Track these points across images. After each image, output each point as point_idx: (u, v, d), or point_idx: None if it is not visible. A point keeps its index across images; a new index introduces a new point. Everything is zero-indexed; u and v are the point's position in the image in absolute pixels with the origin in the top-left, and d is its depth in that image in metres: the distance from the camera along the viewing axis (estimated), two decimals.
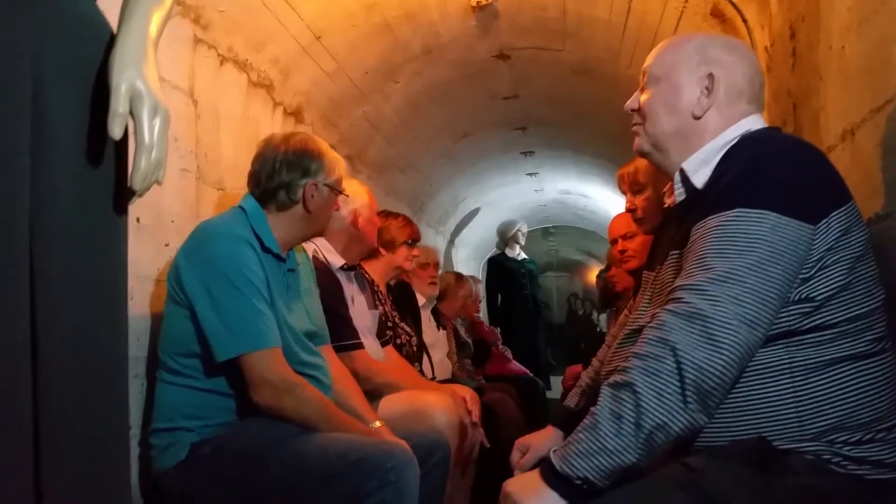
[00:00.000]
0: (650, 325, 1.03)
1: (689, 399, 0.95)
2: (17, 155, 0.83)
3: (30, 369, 0.83)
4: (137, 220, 1.76)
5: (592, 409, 1.01)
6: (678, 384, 0.96)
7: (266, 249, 1.63)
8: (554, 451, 1.03)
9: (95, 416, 0.90)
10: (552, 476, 1.00)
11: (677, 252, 1.15)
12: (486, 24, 3.03)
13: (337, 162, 1.78)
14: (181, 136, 2.01)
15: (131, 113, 0.92)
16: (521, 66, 3.53)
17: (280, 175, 1.69)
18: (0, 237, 0.80)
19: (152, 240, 1.85)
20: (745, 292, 0.97)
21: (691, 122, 1.19)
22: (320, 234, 1.86)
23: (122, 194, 0.98)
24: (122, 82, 0.90)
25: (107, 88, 0.91)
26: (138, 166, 0.92)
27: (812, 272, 1.01)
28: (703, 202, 1.11)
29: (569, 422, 1.46)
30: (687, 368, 0.95)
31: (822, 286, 1.01)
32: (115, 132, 0.89)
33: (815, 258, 1.01)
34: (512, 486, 1.06)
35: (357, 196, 2.28)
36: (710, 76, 1.18)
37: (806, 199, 1.02)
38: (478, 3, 2.79)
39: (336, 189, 1.76)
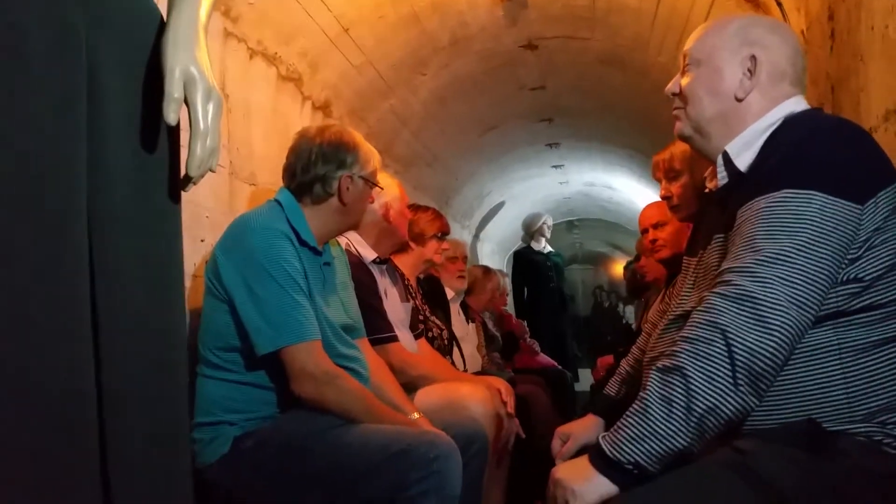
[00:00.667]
0: (698, 308, 1.02)
1: (739, 382, 0.94)
2: (75, 144, 0.83)
3: (92, 360, 0.83)
4: None
5: (641, 393, 1.00)
6: (729, 367, 0.94)
7: (303, 242, 1.63)
8: (603, 436, 1.02)
9: (158, 405, 0.91)
10: (602, 462, 1.00)
11: (722, 236, 1.14)
12: (514, 13, 3.01)
13: (372, 154, 1.78)
14: None
15: (185, 98, 0.91)
16: (548, 56, 3.50)
17: (315, 167, 1.69)
18: (59, 225, 0.81)
19: (188, 235, 1.84)
20: (794, 273, 0.96)
21: (734, 105, 1.18)
22: (355, 227, 1.87)
23: (177, 181, 0.98)
24: (176, 67, 0.90)
25: (159, 74, 0.91)
26: (194, 152, 0.92)
27: (860, 252, 1.00)
28: (748, 185, 1.10)
29: (610, 409, 1.45)
30: (738, 351, 0.94)
31: (870, 266, 1.00)
32: (171, 117, 0.89)
33: (862, 238, 1.00)
34: (561, 472, 1.05)
35: (388, 189, 2.28)
36: (753, 58, 1.17)
37: (852, 179, 1.01)
38: None
39: (371, 181, 1.76)
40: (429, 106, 3.80)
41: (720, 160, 1.18)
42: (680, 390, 0.96)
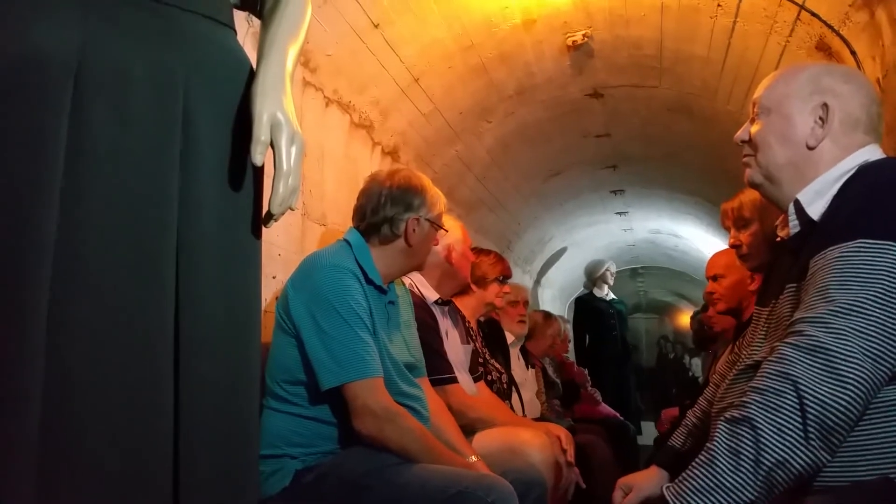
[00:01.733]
0: (769, 358, 1.00)
1: (811, 435, 0.92)
2: (169, 180, 0.91)
3: (173, 383, 0.88)
4: None
5: (708, 444, 0.99)
6: (800, 419, 0.92)
7: (369, 281, 1.68)
8: (667, 487, 1.00)
9: (233, 433, 0.94)
10: None
11: (794, 285, 1.12)
12: (581, 63, 3.05)
13: (438, 198, 1.83)
14: None
15: (271, 141, 0.98)
16: (614, 104, 3.52)
17: (385, 209, 1.74)
18: (151, 251, 0.88)
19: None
20: (869, 325, 0.93)
21: (805, 153, 1.17)
22: (419, 268, 1.90)
23: (259, 218, 1.04)
24: (264, 112, 0.97)
25: (248, 118, 0.98)
26: (277, 191, 0.98)
27: None
28: (820, 234, 1.08)
29: (674, 461, 1.41)
30: (809, 403, 0.92)
31: None
32: (258, 159, 0.96)
33: None
34: None
35: (451, 231, 2.32)
36: (825, 106, 1.16)
37: None
38: (573, 42, 2.83)
39: (436, 224, 1.81)
40: (493, 152, 3.87)
41: (791, 209, 1.17)
42: (749, 442, 0.94)
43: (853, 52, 2.07)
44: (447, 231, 1.92)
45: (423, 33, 2.57)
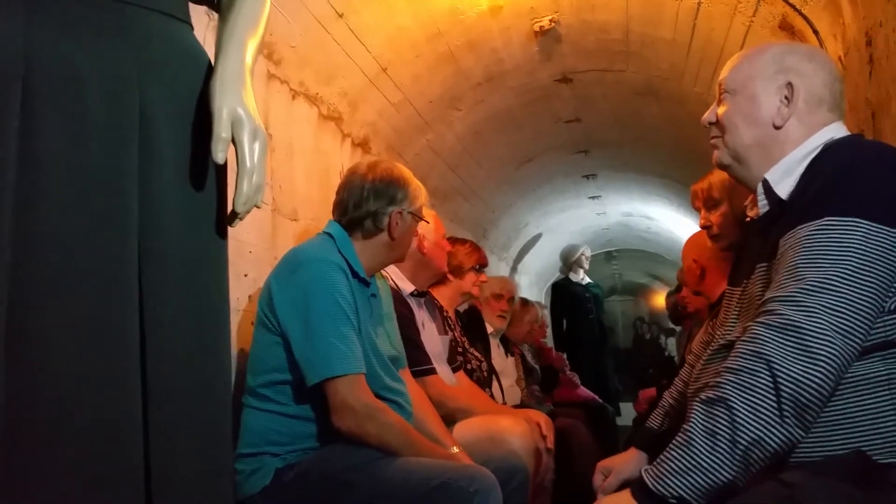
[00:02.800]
0: (742, 338, 1.01)
1: (785, 413, 0.93)
2: (127, 179, 0.88)
3: (140, 391, 0.86)
4: None
5: (685, 425, 0.99)
6: (774, 398, 0.93)
7: (354, 274, 1.67)
8: (646, 469, 1.01)
9: (203, 437, 0.93)
10: (645, 495, 0.98)
11: (765, 265, 1.13)
12: (549, 48, 3.05)
13: (420, 190, 1.82)
14: None
15: (232, 138, 0.95)
16: (583, 89, 3.53)
17: (367, 204, 1.73)
18: (111, 258, 0.85)
19: (231, 270, 1.88)
20: (839, 302, 0.95)
21: (772, 133, 1.18)
22: (401, 260, 1.89)
23: (224, 217, 1.01)
24: (224, 108, 0.94)
25: (207, 115, 0.95)
26: (241, 189, 0.95)
27: None
28: (790, 213, 1.09)
29: (652, 443, 1.43)
30: (783, 381, 0.93)
31: None
32: (220, 156, 0.93)
33: None
34: None
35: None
36: (789, 85, 1.17)
37: (895, 205, 0.99)
38: (540, 27, 2.82)
39: (418, 216, 1.80)
40: (465, 140, 3.85)
41: (760, 188, 1.18)
42: (724, 422, 0.94)
43: (815, 31, 2.09)
44: (429, 222, 1.91)
45: (389, 22, 2.54)
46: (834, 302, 0.95)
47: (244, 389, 1.66)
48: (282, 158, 2.26)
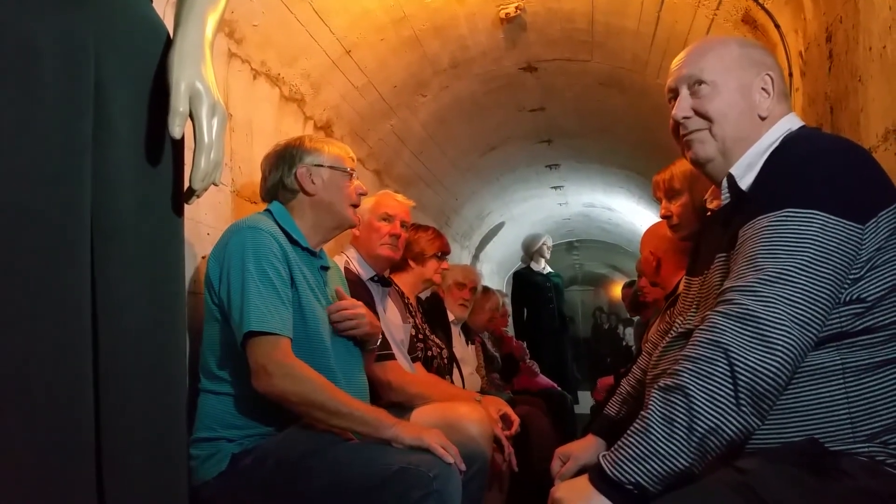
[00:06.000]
0: (700, 327, 1.02)
1: (742, 402, 0.94)
2: (81, 156, 0.84)
3: (91, 371, 0.83)
4: None
5: (642, 412, 1.00)
6: (731, 387, 0.95)
7: (295, 242, 1.68)
8: (603, 455, 1.01)
9: (156, 418, 0.91)
10: (602, 481, 0.99)
11: (724, 255, 1.14)
12: (514, 36, 3.04)
13: (324, 143, 1.81)
14: None
15: (190, 113, 0.92)
16: (548, 78, 3.53)
17: (273, 175, 1.78)
18: (63, 235, 0.82)
19: (188, 252, 1.87)
20: (796, 293, 0.96)
21: (757, 124, 1.19)
22: (344, 220, 1.82)
23: (180, 194, 0.99)
24: (182, 82, 0.92)
25: (165, 88, 0.92)
26: (198, 165, 0.93)
27: (862, 272, 1.00)
28: (750, 204, 1.10)
29: (610, 430, 1.44)
30: (740, 371, 0.94)
31: (872, 286, 1.00)
32: (176, 131, 0.91)
33: (864, 258, 1.00)
34: (561, 492, 1.05)
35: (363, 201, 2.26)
36: (769, 77, 1.18)
37: (854, 199, 1.01)
38: (506, 14, 2.81)
39: (335, 167, 1.78)
40: (429, 127, 3.83)
41: (725, 182, 1.18)
42: (682, 410, 0.95)
43: (777, 26, 2.13)
44: (352, 171, 1.83)
45: (354, 4, 2.50)
46: (791, 292, 0.96)
47: (200, 373, 1.62)
48: (242, 139, 2.21)
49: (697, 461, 0.95)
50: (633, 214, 6.23)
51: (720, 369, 0.95)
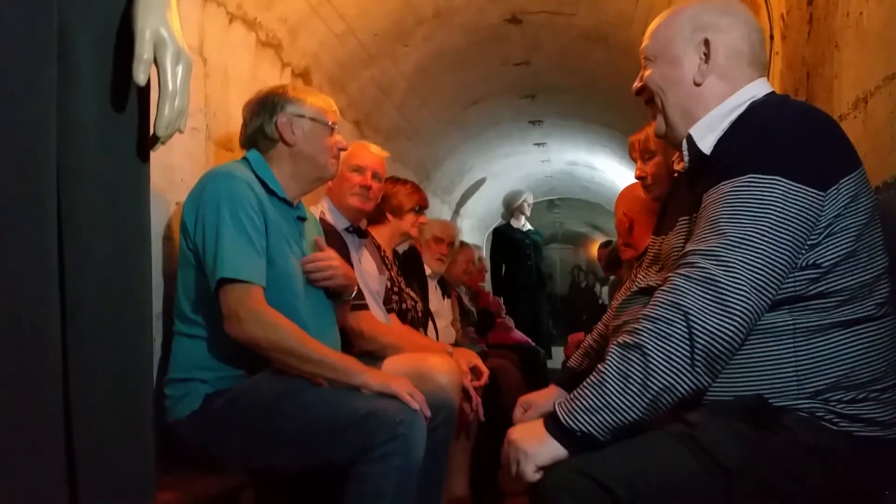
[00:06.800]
0: (662, 287, 1.04)
1: (697, 363, 0.98)
2: (45, 102, 0.84)
3: (58, 310, 0.84)
4: None
5: (600, 366, 1.03)
6: (688, 348, 0.98)
7: (272, 192, 1.68)
8: (559, 403, 1.05)
9: (122, 355, 0.93)
10: (556, 427, 1.03)
11: (687, 218, 1.16)
12: None
13: (308, 93, 1.80)
14: (191, 94, 2.00)
15: (155, 60, 0.92)
16: (532, 31, 3.49)
17: (254, 122, 1.75)
18: (28, 178, 0.82)
19: (161, 198, 1.86)
20: (756, 258, 0.99)
21: (693, 91, 1.20)
22: (323, 173, 1.81)
23: (145, 141, 0.99)
24: (147, 28, 0.91)
25: (130, 35, 0.92)
26: (162, 113, 0.93)
27: (820, 238, 1.03)
28: (714, 168, 1.12)
29: (571, 381, 1.48)
30: (698, 333, 0.97)
31: (829, 252, 1.03)
32: (140, 78, 0.91)
33: (823, 224, 1.02)
34: (516, 434, 1.09)
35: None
36: (706, 42, 1.18)
37: (816, 166, 1.03)
38: None
39: (316, 119, 1.76)
40: (411, 78, 3.78)
41: (684, 144, 1.20)
42: (638, 367, 0.99)
43: None
44: (334, 124, 1.81)
45: None
46: (751, 257, 0.98)
47: (174, 316, 1.64)
48: (217, 85, 2.17)
49: (648, 415, 0.99)
50: (615, 173, 6.25)
51: (678, 331, 0.98)
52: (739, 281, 0.97)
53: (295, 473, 1.58)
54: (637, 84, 1.28)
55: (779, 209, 1.00)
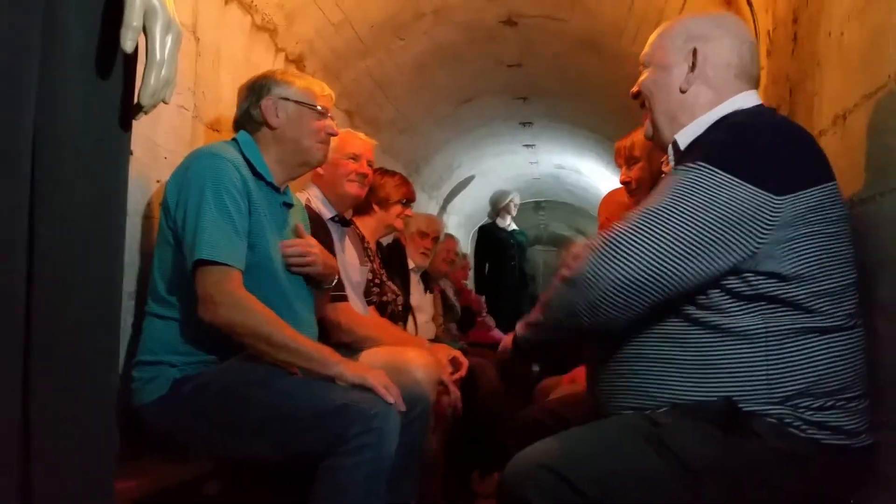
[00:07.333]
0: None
1: (584, 304, 1.11)
2: (28, 65, 0.83)
3: (24, 280, 0.83)
4: (131, 152, 1.76)
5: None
6: (574, 296, 1.12)
7: (258, 175, 1.66)
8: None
9: (88, 329, 0.91)
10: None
11: None
12: None
13: (296, 77, 1.79)
14: (181, 72, 1.95)
15: (144, 28, 0.91)
16: (527, 33, 3.50)
17: (243, 105, 1.76)
18: (5, 139, 0.80)
19: (144, 174, 1.85)
20: (664, 228, 1.04)
21: (679, 98, 1.24)
22: (309, 157, 1.79)
23: (129, 109, 0.98)
24: None
25: (120, 1, 0.91)
26: (148, 82, 0.92)
27: (776, 242, 1.04)
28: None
29: None
30: (587, 278, 1.08)
31: (789, 262, 1.04)
32: (127, 45, 0.89)
33: (775, 227, 1.04)
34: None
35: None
36: (694, 51, 1.22)
37: (774, 170, 1.05)
38: None
39: (302, 102, 1.75)
40: (405, 72, 3.78)
41: (670, 150, 1.24)
42: (553, 295, 1.21)
43: (749, 3, 2.14)
44: (319, 108, 1.77)
45: None
46: (659, 226, 1.05)
47: (147, 296, 1.63)
48: (208, 65, 2.16)
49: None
50: (601, 179, 6.28)
51: (576, 275, 1.10)
52: (631, 244, 1.04)
53: (265, 463, 1.56)
54: (634, 88, 1.32)
55: (707, 195, 1.03)
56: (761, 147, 1.08)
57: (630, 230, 1.05)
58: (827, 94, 1.52)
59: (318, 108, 1.77)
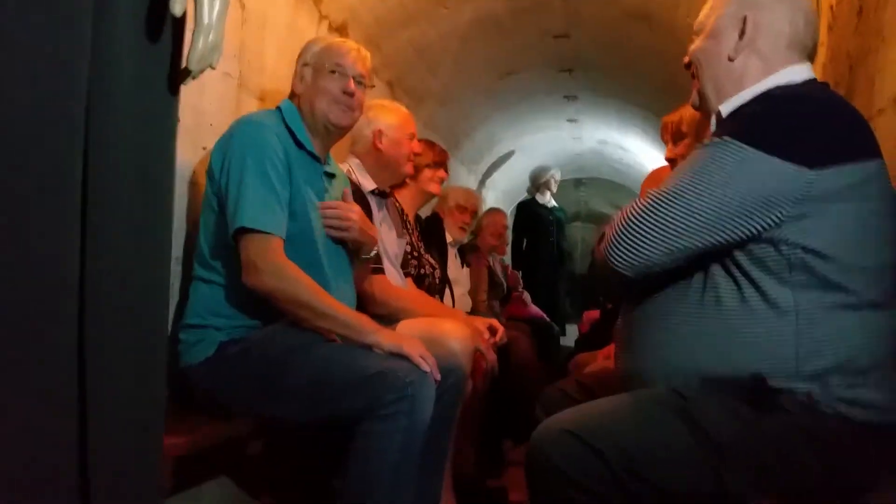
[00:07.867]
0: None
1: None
2: (82, 27, 0.84)
3: (79, 242, 0.85)
4: (178, 119, 1.78)
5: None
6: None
7: (300, 145, 1.67)
8: None
9: (137, 293, 0.93)
10: None
11: None
12: None
13: (321, 41, 1.79)
14: (227, 39, 1.99)
15: None
16: (575, 3, 3.42)
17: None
18: (57, 99, 0.82)
19: (190, 142, 1.87)
20: (678, 205, 1.05)
21: (727, 66, 1.20)
22: (324, 120, 1.73)
23: (177, 74, 0.99)
24: None
25: None
26: (196, 46, 0.93)
27: (810, 218, 1.01)
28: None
29: None
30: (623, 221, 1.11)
31: (825, 235, 1.02)
32: (177, 8, 0.90)
33: (810, 200, 1.01)
34: None
35: (384, 115, 2.25)
36: (744, 19, 1.18)
37: (808, 144, 1.02)
38: None
39: (317, 64, 1.73)
40: (447, 42, 3.73)
41: (713, 120, 1.21)
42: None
43: None
44: (335, 72, 1.72)
45: None
46: (670, 201, 1.06)
47: (194, 260, 1.66)
48: (253, 32, 2.17)
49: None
50: (645, 156, 6.15)
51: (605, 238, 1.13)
52: (641, 226, 1.06)
53: (302, 426, 1.60)
54: (685, 58, 1.29)
55: (725, 174, 1.02)
56: (796, 120, 1.05)
57: (643, 211, 1.07)
58: (890, 72, 1.45)
59: (335, 65, 1.71)
